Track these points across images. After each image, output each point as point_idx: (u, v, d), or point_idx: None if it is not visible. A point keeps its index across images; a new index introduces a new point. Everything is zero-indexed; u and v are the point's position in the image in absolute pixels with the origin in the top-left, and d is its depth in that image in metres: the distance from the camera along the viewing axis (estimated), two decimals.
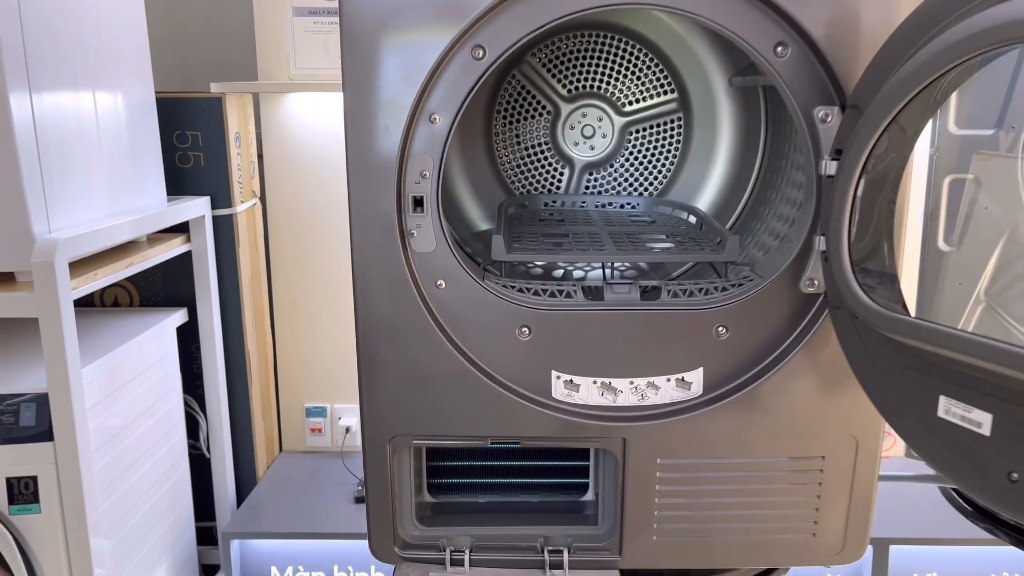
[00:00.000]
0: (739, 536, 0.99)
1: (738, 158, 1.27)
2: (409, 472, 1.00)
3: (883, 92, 0.73)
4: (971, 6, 0.68)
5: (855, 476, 0.97)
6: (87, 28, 1.62)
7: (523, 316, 0.94)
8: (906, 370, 0.77)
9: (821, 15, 0.84)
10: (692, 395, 0.95)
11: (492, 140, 1.33)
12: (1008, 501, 0.71)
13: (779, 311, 0.93)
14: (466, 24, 0.84)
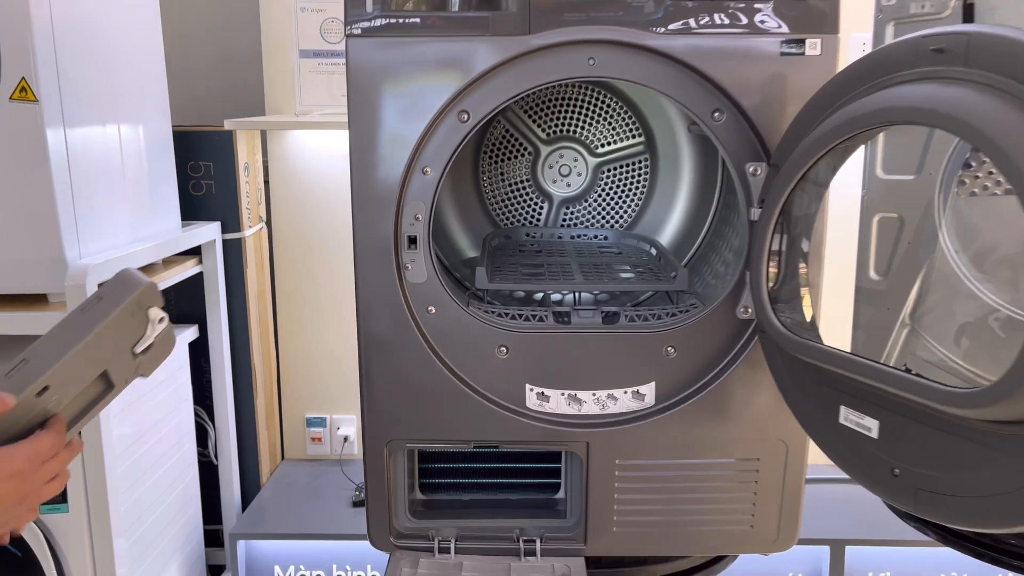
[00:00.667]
0: (688, 527, 1.15)
1: (698, 197, 1.43)
2: (403, 472, 1.15)
3: (792, 156, 0.89)
4: (858, 91, 0.84)
5: (786, 476, 1.13)
6: (115, 69, 1.78)
7: (501, 337, 1.10)
8: (815, 384, 0.93)
9: (749, 88, 1.01)
10: (646, 405, 1.11)
11: (479, 177, 1.49)
12: (892, 494, 0.87)
13: (719, 334, 1.09)
14: (452, 94, 1.00)
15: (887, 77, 0.82)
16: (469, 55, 1.01)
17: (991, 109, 0.69)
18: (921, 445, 0.83)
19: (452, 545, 1.14)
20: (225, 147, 2.13)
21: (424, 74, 1.02)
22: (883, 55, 0.83)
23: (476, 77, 1.01)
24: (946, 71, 0.76)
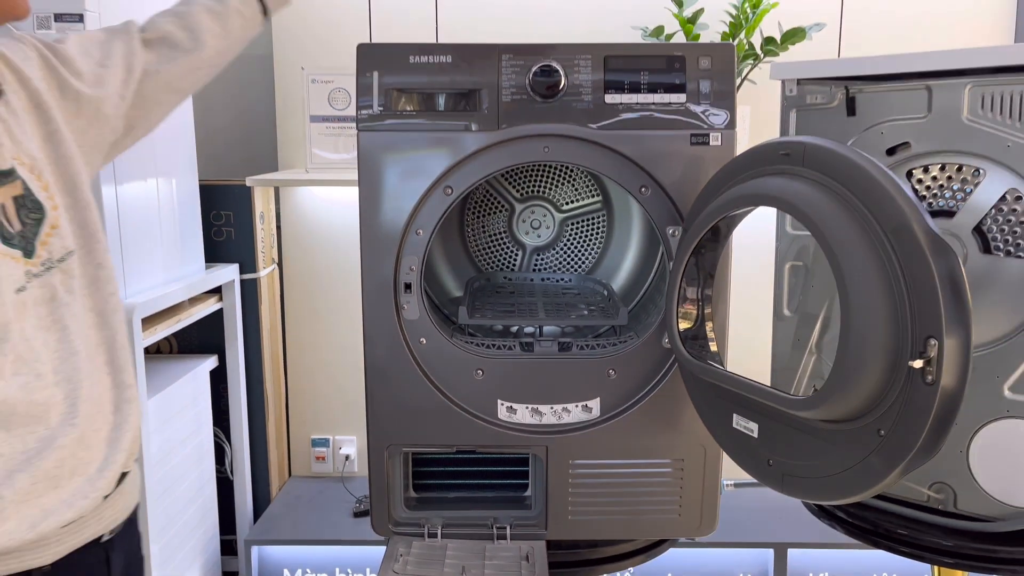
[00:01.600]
0: (629, 515, 1.42)
1: (646, 247, 1.72)
2: (400, 472, 1.43)
3: (694, 224, 1.19)
4: (738, 178, 1.14)
5: (705, 473, 1.41)
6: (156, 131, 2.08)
7: (478, 362, 1.39)
8: (715, 398, 1.22)
9: (667, 170, 1.31)
10: (593, 416, 1.40)
11: (465, 229, 1.78)
12: (767, 479, 1.15)
13: (650, 359, 1.38)
14: (439, 174, 1.30)
15: (756, 170, 1.12)
16: (453, 144, 1.31)
17: (813, 196, 0.99)
18: (785, 441, 1.11)
19: (439, 531, 1.42)
20: (244, 199, 2.42)
21: (417, 158, 1.32)
22: (753, 154, 1.13)
23: (458, 161, 1.31)
24: (790, 169, 1.06)
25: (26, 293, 0.99)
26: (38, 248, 1.01)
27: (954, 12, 2.39)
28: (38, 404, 0.98)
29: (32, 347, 0.98)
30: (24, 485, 0.98)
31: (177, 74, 1.24)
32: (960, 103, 1.28)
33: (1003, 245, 1.30)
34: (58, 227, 1.04)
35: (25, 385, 0.97)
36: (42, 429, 0.99)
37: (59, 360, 1.01)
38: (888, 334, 0.95)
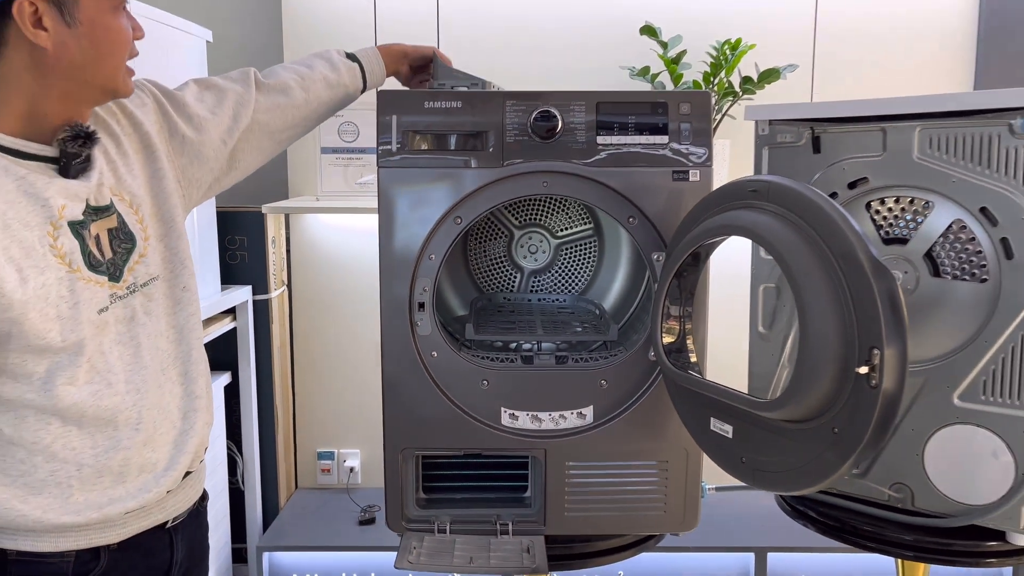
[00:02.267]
0: (620, 512, 1.58)
1: (634, 271, 1.88)
2: (412, 473, 1.58)
3: (675, 251, 1.36)
4: (712, 211, 1.31)
5: (687, 474, 1.57)
6: None
7: (483, 373, 1.55)
8: (695, 404, 1.38)
9: (652, 202, 1.48)
10: (587, 422, 1.56)
11: (468, 254, 1.94)
12: (741, 475, 1.31)
13: (637, 370, 1.54)
14: (450, 206, 1.47)
15: (728, 204, 1.29)
16: (462, 179, 1.48)
17: (776, 227, 1.16)
18: (755, 441, 1.27)
19: (448, 527, 1.57)
20: (257, 225, 2.58)
21: (431, 191, 1.49)
22: (726, 190, 1.31)
23: (467, 194, 1.48)
24: (757, 203, 1.23)
25: (108, 313, 1.14)
26: (125, 274, 1.17)
27: (918, 59, 2.59)
28: (107, 409, 1.14)
29: (107, 360, 1.14)
30: (90, 476, 1.14)
31: (279, 126, 1.44)
32: (911, 143, 1.46)
33: (951, 269, 1.47)
34: (146, 256, 1.21)
35: (96, 392, 1.13)
36: (110, 430, 1.15)
37: (130, 372, 1.17)
38: (838, 344, 1.11)
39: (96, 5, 1.08)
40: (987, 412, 1.41)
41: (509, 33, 2.60)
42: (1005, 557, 1.50)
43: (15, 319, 1.04)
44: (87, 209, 1.13)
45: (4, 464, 1.10)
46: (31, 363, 1.08)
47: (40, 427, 1.10)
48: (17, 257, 1.05)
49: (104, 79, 1.12)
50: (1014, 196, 1.35)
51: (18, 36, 1.05)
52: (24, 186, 1.07)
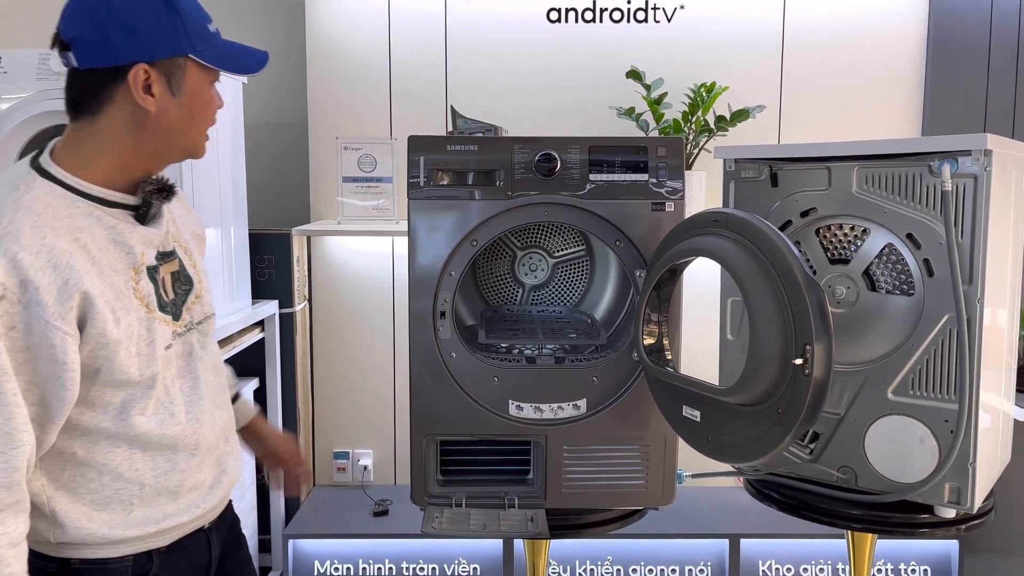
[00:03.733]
0: (608, 488, 1.86)
1: (620, 285, 2.17)
2: (433, 456, 1.87)
3: (653, 269, 1.66)
4: (681, 236, 1.61)
5: (665, 456, 1.85)
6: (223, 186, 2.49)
7: (494, 371, 1.84)
8: (669, 394, 1.67)
9: (635, 228, 1.78)
10: (581, 412, 1.85)
11: (477, 272, 2.23)
12: (707, 451, 1.60)
13: (623, 368, 1.83)
14: (467, 231, 1.77)
15: (696, 231, 1.59)
16: (477, 209, 1.78)
17: (733, 250, 1.46)
18: (718, 422, 1.57)
19: (464, 502, 1.85)
20: (284, 245, 2.85)
21: (451, 218, 1.78)
22: (694, 219, 1.61)
23: (481, 221, 1.78)
24: (718, 230, 1.53)
25: (171, 349, 1.25)
26: (184, 313, 1.29)
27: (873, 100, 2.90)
28: (169, 437, 1.25)
29: (170, 392, 1.25)
30: (150, 495, 1.25)
31: None
32: (851, 180, 1.74)
33: (885, 285, 1.76)
34: (201, 296, 1.34)
35: (161, 422, 1.23)
36: (170, 454, 1.26)
37: (190, 403, 1.28)
38: (780, 342, 1.41)
39: (198, 79, 1.20)
40: (916, 404, 1.68)
41: (510, 79, 2.90)
42: (935, 528, 1.75)
43: (108, 356, 1.15)
44: (158, 254, 1.25)
45: (75, 483, 1.19)
46: (109, 395, 1.17)
47: (110, 451, 1.19)
48: (111, 300, 1.15)
49: (191, 143, 1.24)
50: (933, 224, 1.63)
51: (125, 97, 1.15)
52: (113, 235, 1.18)
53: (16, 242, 1.08)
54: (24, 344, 1.09)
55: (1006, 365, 1.84)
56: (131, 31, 1.14)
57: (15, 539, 1.10)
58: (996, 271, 1.65)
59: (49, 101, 2.07)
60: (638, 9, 2.87)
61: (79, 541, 1.20)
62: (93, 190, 1.18)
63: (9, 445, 1.08)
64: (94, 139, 1.18)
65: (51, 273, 1.09)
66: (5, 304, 1.07)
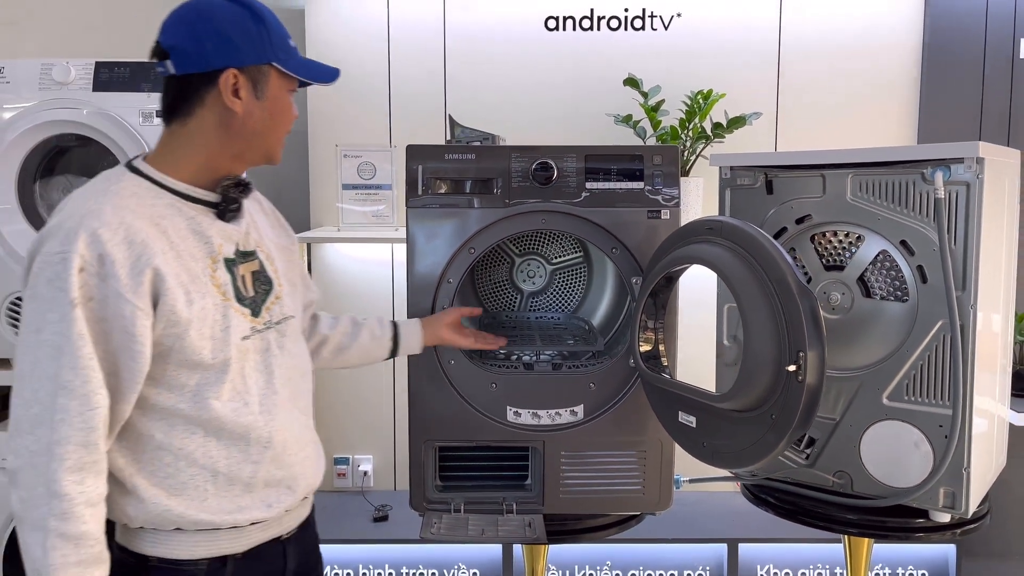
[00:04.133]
0: (605, 494, 1.88)
1: (618, 292, 2.19)
2: (433, 461, 1.88)
3: (648, 276, 1.68)
4: (677, 244, 1.63)
5: (662, 462, 1.87)
6: None
7: (493, 377, 1.85)
8: (665, 400, 1.69)
9: (631, 236, 1.80)
10: (578, 418, 1.86)
11: (475, 279, 2.25)
12: (703, 457, 1.62)
13: (620, 375, 1.85)
14: (465, 239, 1.79)
15: (690, 238, 1.61)
16: (474, 217, 1.80)
17: (726, 257, 1.47)
18: (713, 428, 1.58)
19: (462, 508, 1.87)
20: None
21: (449, 227, 1.80)
22: (689, 227, 1.63)
23: (478, 230, 1.80)
24: (712, 238, 1.55)
25: (248, 341, 1.32)
26: (263, 311, 1.36)
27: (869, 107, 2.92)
28: (242, 425, 1.30)
29: (246, 382, 1.31)
30: (223, 484, 1.30)
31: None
32: (845, 187, 1.76)
33: (879, 291, 1.78)
34: (281, 299, 1.41)
35: (235, 409, 1.29)
36: (243, 444, 1.31)
37: (263, 396, 1.34)
38: (773, 349, 1.42)
39: (279, 85, 1.31)
40: (910, 409, 1.70)
41: (508, 87, 2.92)
42: (930, 532, 1.77)
43: (179, 335, 1.23)
44: (237, 251, 1.34)
45: (153, 466, 1.26)
46: (184, 376, 1.25)
47: (186, 435, 1.26)
48: (185, 282, 1.24)
49: (270, 146, 1.34)
50: (927, 231, 1.65)
51: (215, 101, 1.27)
52: (192, 225, 1.28)
53: (97, 219, 1.18)
54: (100, 315, 1.18)
55: (1001, 369, 1.86)
56: (224, 39, 1.26)
57: (93, 499, 1.19)
58: (989, 277, 1.67)
59: (51, 111, 2.09)
60: (635, 17, 2.89)
61: (159, 522, 1.27)
62: (177, 185, 1.29)
63: (87, 406, 1.17)
64: (185, 141, 1.30)
65: (126, 249, 1.19)
66: (84, 276, 1.17)
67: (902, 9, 2.87)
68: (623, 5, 2.90)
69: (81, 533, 1.17)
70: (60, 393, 1.16)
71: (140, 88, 2.13)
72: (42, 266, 1.18)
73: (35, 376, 1.17)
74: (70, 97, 2.10)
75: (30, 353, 1.18)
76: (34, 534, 1.16)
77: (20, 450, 1.18)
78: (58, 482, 1.16)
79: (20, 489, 1.18)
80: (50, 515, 1.15)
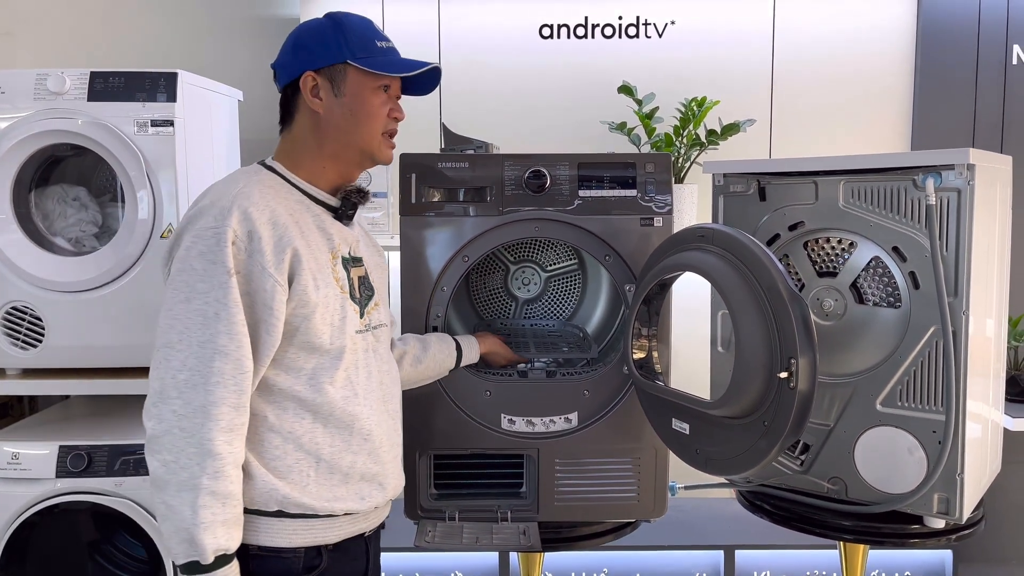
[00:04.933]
0: (600, 502, 1.88)
1: (611, 299, 2.20)
2: (428, 469, 1.88)
3: (641, 284, 1.68)
4: (668, 252, 1.63)
5: (656, 469, 1.87)
6: None
7: (487, 385, 1.86)
8: (659, 407, 1.69)
9: (624, 243, 1.80)
10: (572, 426, 1.86)
11: (470, 286, 2.25)
12: (697, 464, 1.62)
13: (614, 382, 1.85)
14: (459, 247, 1.79)
15: (683, 246, 1.61)
16: (468, 225, 1.80)
17: (717, 264, 1.48)
18: (707, 435, 1.58)
19: (457, 516, 1.86)
20: None
21: (443, 235, 1.81)
22: (681, 235, 1.64)
23: (472, 238, 1.80)
24: (703, 246, 1.55)
25: (359, 336, 1.42)
26: (365, 314, 1.46)
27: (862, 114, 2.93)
28: (349, 414, 1.39)
29: (356, 373, 1.41)
30: (324, 471, 1.37)
31: None
32: (837, 194, 1.77)
33: (872, 297, 1.78)
34: (379, 305, 1.51)
35: (345, 397, 1.38)
36: (346, 434, 1.39)
37: (366, 391, 1.43)
38: (765, 355, 1.43)
39: (358, 83, 1.40)
40: (903, 415, 1.71)
41: (503, 94, 2.93)
42: (925, 538, 1.78)
43: (307, 316, 1.32)
44: (350, 253, 1.45)
45: (262, 448, 1.34)
46: (303, 359, 1.34)
47: (297, 419, 1.35)
48: (313, 269, 1.34)
49: (362, 143, 1.43)
50: (918, 238, 1.66)
51: (304, 105, 1.40)
52: (318, 222, 1.40)
53: (248, 199, 1.30)
54: (245, 289, 1.28)
55: (994, 374, 1.86)
56: (301, 47, 1.41)
57: (239, 459, 1.28)
58: (981, 283, 1.68)
59: (46, 121, 2.09)
60: (629, 25, 2.90)
61: (264, 500, 1.33)
62: (304, 185, 1.42)
63: (239, 370, 1.26)
64: (291, 145, 1.43)
65: (271, 228, 1.30)
66: (234, 249, 1.27)
67: (895, 16, 2.88)
68: (617, 13, 2.91)
69: (229, 492, 1.25)
70: (216, 357, 1.24)
71: (135, 98, 2.13)
72: (194, 240, 1.27)
73: (184, 343, 1.25)
74: (65, 107, 2.10)
75: (179, 322, 1.25)
76: (183, 494, 1.23)
77: (165, 415, 1.24)
78: (212, 441, 1.23)
79: (164, 453, 1.24)
80: (203, 473, 1.23)
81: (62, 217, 2.28)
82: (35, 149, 2.14)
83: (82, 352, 2.17)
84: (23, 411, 2.70)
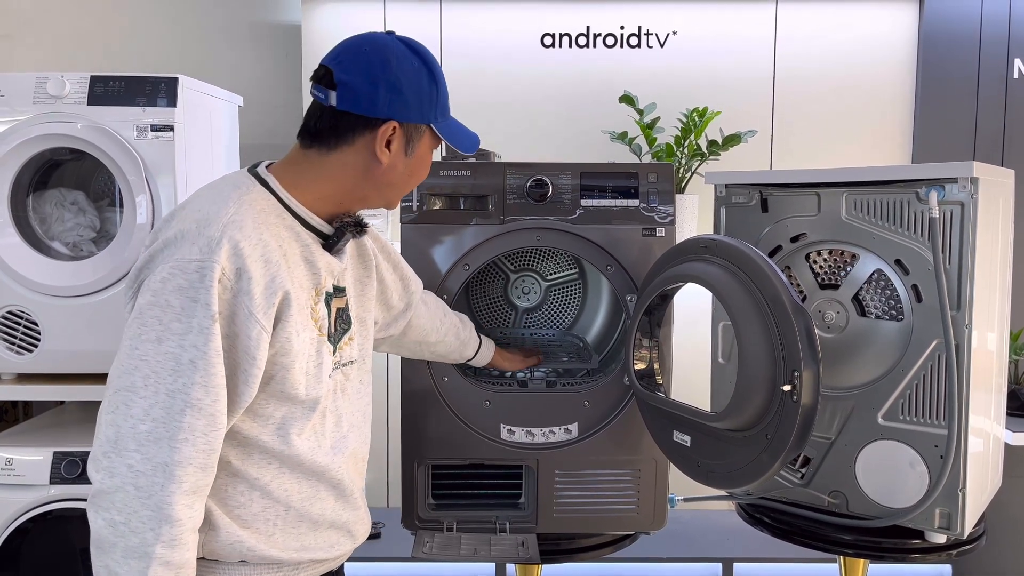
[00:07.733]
0: (600, 514, 1.86)
1: (612, 309, 2.19)
2: (425, 480, 1.87)
3: (643, 295, 1.67)
4: (671, 262, 1.62)
5: (656, 481, 1.86)
6: None
7: (486, 395, 1.84)
8: (660, 418, 1.68)
9: (626, 253, 1.79)
10: (572, 436, 1.85)
11: (470, 295, 2.24)
12: (698, 476, 1.61)
13: (615, 393, 1.84)
14: (459, 256, 1.78)
15: (685, 256, 1.61)
16: (469, 234, 1.79)
17: (720, 275, 1.47)
18: (708, 447, 1.57)
19: (455, 526, 1.85)
20: None
21: (444, 243, 1.80)
22: (683, 245, 1.63)
23: (473, 246, 1.79)
24: (707, 256, 1.55)
25: (332, 378, 1.29)
26: (337, 349, 1.31)
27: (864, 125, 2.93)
28: (317, 464, 1.27)
29: (325, 422, 1.29)
30: (292, 520, 1.26)
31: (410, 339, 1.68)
32: (840, 206, 1.76)
33: (874, 310, 1.77)
34: (352, 340, 1.36)
35: (311, 448, 1.26)
36: (314, 481, 1.28)
37: (334, 438, 1.31)
38: (768, 368, 1.42)
39: (428, 145, 1.30)
40: (905, 429, 1.69)
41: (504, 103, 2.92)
42: (926, 553, 1.76)
43: (286, 365, 1.18)
44: (334, 286, 1.30)
45: (226, 494, 1.20)
46: (272, 408, 1.20)
47: (263, 465, 1.22)
48: (294, 314, 1.18)
49: (395, 197, 1.33)
50: (921, 251, 1.65)
51: (365, 145, 1.23)
52: (306, 253, 1.23)
53: (239, 231, 1.13)
54: (226, 331, 1.12)
55: (996, 389, 1.85)
56: (397, 92, 1.23)
57: (198, 524, 1.14)
58: (984, 296, 1.67)
59: (46, 124, 2.08)
60: (631, 35, 2.90)
61: (226, 552, 1.20)
62: (300, 209, 1.24)
63: (211, 427, 1.11)
64: (317, 168, 1.25)
65: (263, 267, 1.14)
66: (220, 288, 1.11)
67: (896, 28, 2.88)
68: (619, 23, 2.91)
69: (185, 561, 1.10)
70: (188, 411, 1.08)
71: (135, 102, 2.12)
72: (173, 271, 1.10)
73: (150, 390, 1.08)
74: (65, 111, 2.09)
75: (145, 365, 1.08)
76: (130, 562, 1.07)
77: (118, 469, 1.08)
78: (172, 505, 1.08)
79: (113, 512, 1.08)
80: (157, 541, 1.07)
81: (60, 221, 2.27)
82: (34, 153, 2.13)
83: (78, 357, 2.15)
84: (17, 416, 2.68)
